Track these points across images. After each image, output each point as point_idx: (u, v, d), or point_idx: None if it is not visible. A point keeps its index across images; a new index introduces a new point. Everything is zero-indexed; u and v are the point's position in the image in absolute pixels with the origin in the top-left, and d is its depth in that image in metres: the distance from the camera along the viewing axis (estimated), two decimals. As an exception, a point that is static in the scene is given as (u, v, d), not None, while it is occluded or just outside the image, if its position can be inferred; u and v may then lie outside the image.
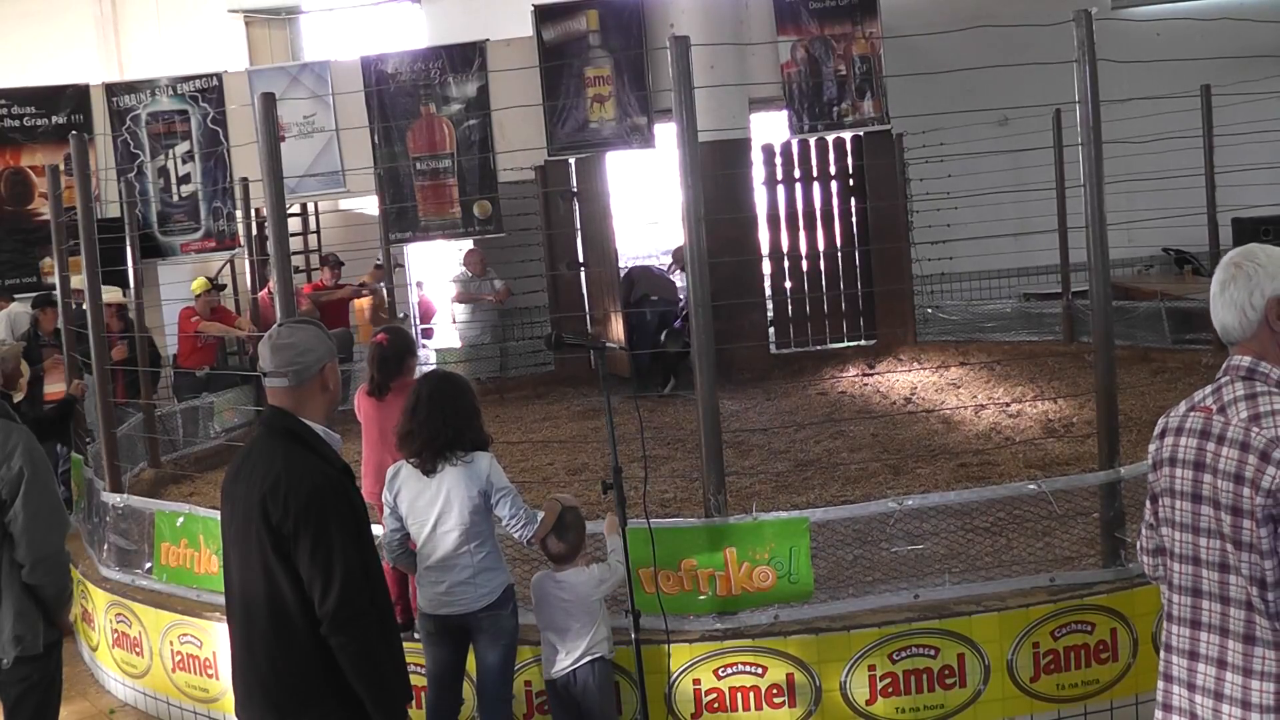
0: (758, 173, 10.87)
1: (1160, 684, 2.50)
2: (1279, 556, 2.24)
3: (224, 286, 11.33)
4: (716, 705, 4.34)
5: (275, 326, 3.06)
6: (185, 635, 5.22)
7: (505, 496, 4.00)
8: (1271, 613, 2.27)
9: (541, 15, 10.79)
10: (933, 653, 4.30)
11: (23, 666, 4.06)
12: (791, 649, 4.31)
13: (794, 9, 10.69)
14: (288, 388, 2.94)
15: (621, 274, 10.55)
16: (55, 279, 7.81)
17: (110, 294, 8.04)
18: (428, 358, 10.63)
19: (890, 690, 4.30)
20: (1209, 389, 2.43)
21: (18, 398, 5.60)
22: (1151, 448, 2.53)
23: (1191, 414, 2.43)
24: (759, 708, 4.32)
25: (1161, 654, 2.51)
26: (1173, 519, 2.46)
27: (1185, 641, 2.44)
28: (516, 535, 4.05)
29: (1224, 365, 2.43)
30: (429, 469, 4.01)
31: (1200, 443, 2.38)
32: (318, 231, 12.56)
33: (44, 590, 4.02)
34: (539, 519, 4.05)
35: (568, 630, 4.07)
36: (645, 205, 13.00)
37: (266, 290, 9.67)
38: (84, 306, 6.63)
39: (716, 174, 9.17)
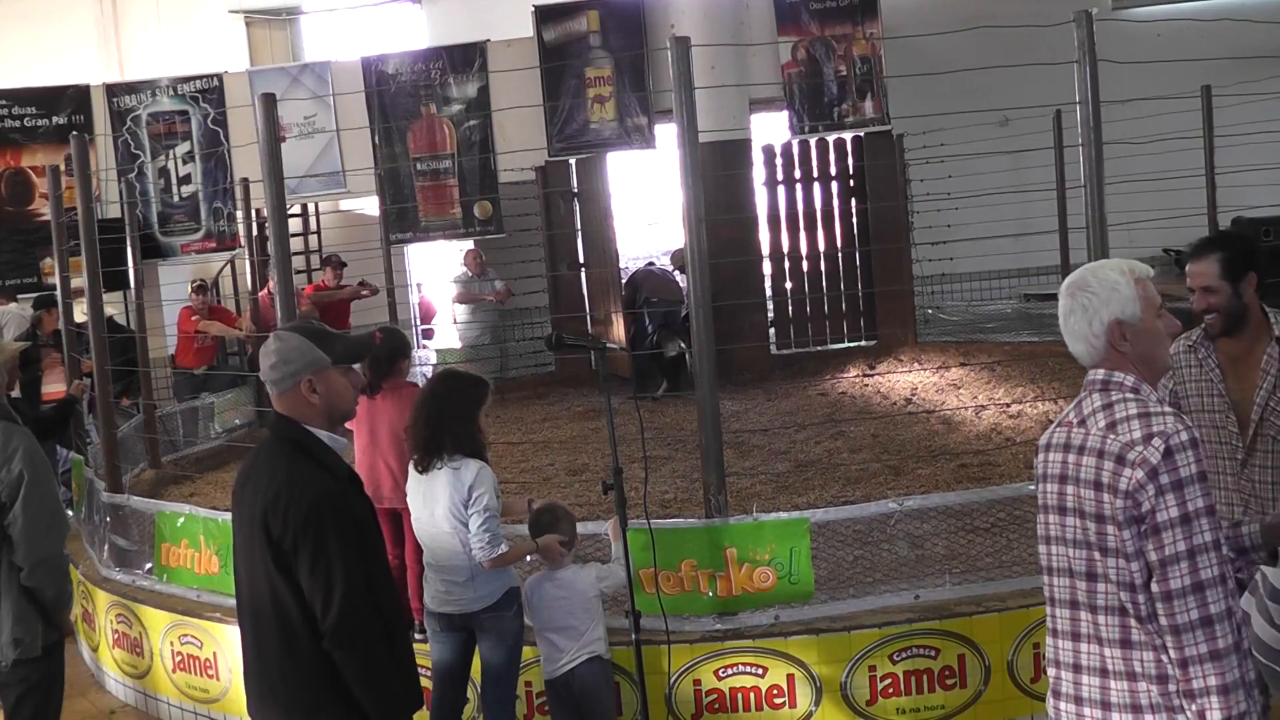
0: (758, 173, 10.85)
1: (1049, 701, 2.49)
2: (1144, 559, 2.26)
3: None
4: (717, 706, 4.34)
5: (271, 333, 3.06)
6: (185, 635, 5.22)
7: (477, 511, 3.87)
8: (1143, 615, 2.28)
9: (542, 16, 10.79)
10: (933, 653, 4.30)
11: (22, 668, 4.06)
12: (792, 650, 4.30)
13: (794, 9, 10.69)
14: (276, 395, 2.94)
15: (625, 276, 10.54)
16: (56, 279, 7.81)
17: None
18: (428, 358, 10.62)
19: (891, 691, 4.30)
20: (1073, 404, 2.48)
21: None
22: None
23: (1057, 430, 2.48)
24: (759, 708, 4.31)
25: (1048, 670, 2.50)
26: (1048, 534, 2.48)
27: (1069, 655, 2.43)
28: (474, 553, 3.90)
29: (1084, 380, 2.49)
30: (421, 468, 4.02)
31: (1063, 456, 2.43)
32: (318, 232, 12.54)
33: (43, 593, 4.02)
34: (501, 549, 3.89)
35: (567, 629, 4.07)
36: (646, 206, 13.00)
37: (266, 290, 9.65)
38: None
39: (717, 175, 9.17)
